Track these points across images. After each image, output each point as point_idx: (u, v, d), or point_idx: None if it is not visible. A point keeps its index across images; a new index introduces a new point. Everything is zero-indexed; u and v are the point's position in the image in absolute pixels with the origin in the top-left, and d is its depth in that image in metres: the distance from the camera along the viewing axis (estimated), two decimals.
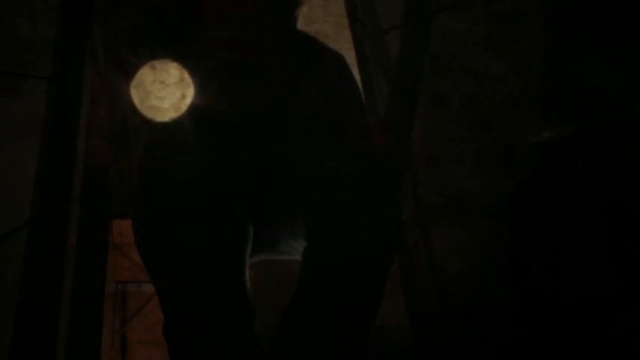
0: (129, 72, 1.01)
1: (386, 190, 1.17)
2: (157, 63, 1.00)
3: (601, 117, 1.33)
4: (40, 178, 1.48)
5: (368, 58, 1.87)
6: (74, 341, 1.52)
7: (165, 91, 1.01)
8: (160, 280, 1.12)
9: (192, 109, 1.04)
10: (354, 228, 1.11)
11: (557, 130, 1.40)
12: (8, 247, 1.35)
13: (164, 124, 1.05)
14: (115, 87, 2.07)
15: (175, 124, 1.04)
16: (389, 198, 1.16)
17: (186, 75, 1.00)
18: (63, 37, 1.62)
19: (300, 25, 1.60)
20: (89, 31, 1.69)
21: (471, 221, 1.57)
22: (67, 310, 1.50)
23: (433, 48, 1.69)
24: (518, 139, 1.46)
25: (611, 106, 1.32)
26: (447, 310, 1.59)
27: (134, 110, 1.16)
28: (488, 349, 1.46)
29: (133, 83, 1.01)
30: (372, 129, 1.46)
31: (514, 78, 1.48)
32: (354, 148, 1.22)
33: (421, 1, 1.73)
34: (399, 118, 1.74)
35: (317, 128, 1.28)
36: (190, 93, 1.01)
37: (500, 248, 1.49)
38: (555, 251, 1.37)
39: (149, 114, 1.01)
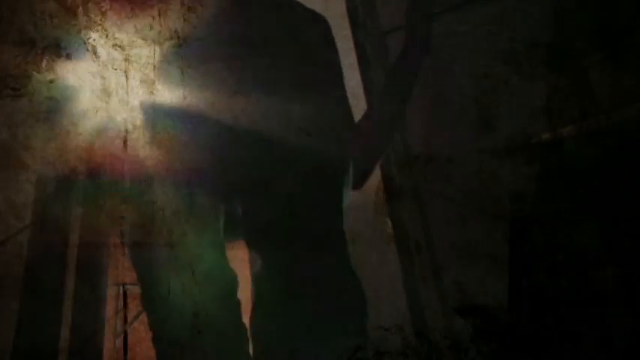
0: (130, 71, 1.01)
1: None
2: (156, 60, 1.00)
3: (600, 118, 1.33)
4: (42, 180, 1.48)
5: (369, 60, 1.88)
6: (77, 342, 1.52)
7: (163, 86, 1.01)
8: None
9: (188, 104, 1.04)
10: None
11: (557, 131, 1.40)
12: (11, 249, 1.35)
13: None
14: (115, 86, 2.07)
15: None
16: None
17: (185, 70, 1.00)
18: (64, 38, 1.62)
19: None
20: (90, 31, 1.70)
21: (471, 221, 1.57)
22: (70, 311, 1.51)
23: (433, 49, 1.69)
24: (518, 139, 1.47)
25: (611, 107, 1.32)
26: (447, 311, 1.59)
27: (135, 110, 1.16)
28: (489, 349, 1.46)
29: (135, 82, 1.01)
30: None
31: (514, 78, 1.49)
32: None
33: (422, 3, 1.73)
34: (394, 117, 1.75)
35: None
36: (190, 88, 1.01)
37: (500, 248, 1.49)
38: (555, 251, 1.37)
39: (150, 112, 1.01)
